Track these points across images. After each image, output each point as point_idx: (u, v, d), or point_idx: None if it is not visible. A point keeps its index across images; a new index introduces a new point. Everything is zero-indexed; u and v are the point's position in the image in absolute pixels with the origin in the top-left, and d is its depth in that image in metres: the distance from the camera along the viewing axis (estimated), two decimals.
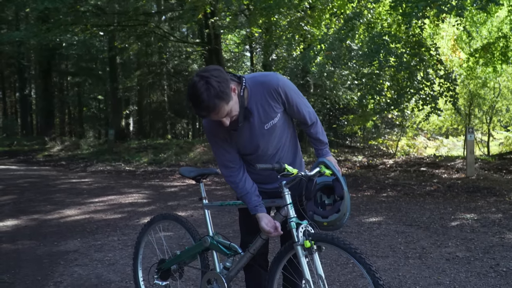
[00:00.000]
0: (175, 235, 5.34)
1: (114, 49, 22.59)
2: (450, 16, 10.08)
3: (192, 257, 2.97)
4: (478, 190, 8.39)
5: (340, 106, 19.87)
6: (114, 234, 5.59)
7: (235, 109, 2.32)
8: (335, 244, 2.29)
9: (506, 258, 4.41)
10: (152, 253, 4.08)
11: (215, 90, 2.17)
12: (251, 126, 2.47)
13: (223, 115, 2.27)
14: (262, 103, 2.43)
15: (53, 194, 8.78)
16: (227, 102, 2.23)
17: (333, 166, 2.46)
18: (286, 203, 2.41)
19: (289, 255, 2.48)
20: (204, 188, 2.99)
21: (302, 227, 2.35)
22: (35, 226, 6.09)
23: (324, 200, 2.47)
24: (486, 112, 18.04)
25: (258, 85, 2.44)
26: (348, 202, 2.39)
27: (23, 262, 4.52)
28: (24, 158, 18.51)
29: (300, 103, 2.55)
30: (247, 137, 2.50)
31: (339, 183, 2.41)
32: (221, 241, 2.82)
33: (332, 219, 2.38)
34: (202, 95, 2.18)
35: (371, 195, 8.43)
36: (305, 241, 2.31)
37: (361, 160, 14.25)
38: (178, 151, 16.83)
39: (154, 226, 3.24)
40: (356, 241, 5.15)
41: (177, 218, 3.12)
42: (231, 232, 5.63)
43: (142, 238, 3.28)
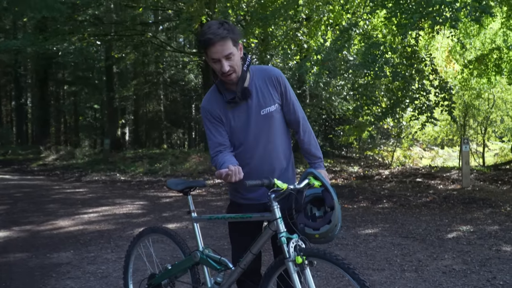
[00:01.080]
0: (169, 247, 5.27)
1: (111, 59, 22.61)
2: (445, 27, 10.13)
3: (183, 271, 2.90)
4: (474, 201, 8.37)
5: (336, 116, 19.91)
6: (107, 246, 5.52)
7: (237, 63, 2.38)
8: (327, 259, 2.24)
9: (503, 271, 4.37)
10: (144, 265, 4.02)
11: (226, 26, 2.32)
12: (248, 108, 2.48)
13: (226, 51, 2.32)
14: (262, 87, 2.49)
15: (47, 205, 8.69)
16: (233, 44, 2.34)
17: (322, 176, 2.40)
18: (276, 218, 2.33)
19: (280, 270, 2.42)
20: (192, 201, 2.92)
21: (293, 242, 2.29)
22: (28, 237, 6.01)
23: (314, 213, 2.40)
24: (480, 123, 18.11)
25: (260, 71, 2.53)
26: (339, 213, 2.32)
27: (14, 275, 4.44)
28: (18, 167, 18.40)
29: (296, 103, 2.60)
30: (242, 119, 2.50)
31: (329, 194, 2.34)
32: (211, 255, 2.75)
33: (324, 231, 2.31)
34: (214, 25, 2.31)
35: (367, 206, 8.39)
36: (297, 256, 2.25)
37: (356, 171, 14.23)
38: (174, 161, 16.76)
39: (143, 240, 3.18)
40: (352, 253, 5.10)
41: (166, 232, 3.05)
42: (226, 244, 5.56)
43: (132, 251, 3.22)
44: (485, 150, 18.61)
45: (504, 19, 12.50)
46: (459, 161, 15.97)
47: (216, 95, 2.55)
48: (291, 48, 13.44)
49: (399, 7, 8.71)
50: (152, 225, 6.64)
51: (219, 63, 2.37)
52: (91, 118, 36.11)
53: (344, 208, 8.17)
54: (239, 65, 2.41)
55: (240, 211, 2.63)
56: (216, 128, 2.55)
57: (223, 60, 2.35)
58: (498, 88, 16.45)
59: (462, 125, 17.56)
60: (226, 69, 2.35)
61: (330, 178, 10.86)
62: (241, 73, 2.44)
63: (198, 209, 8.22)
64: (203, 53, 2.40)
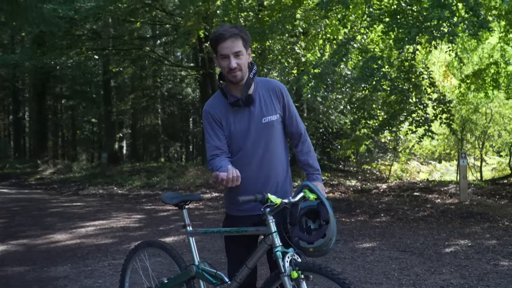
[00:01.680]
0: (166, 260, 5.27)
1: (108, 73, 22.71)
2: (442, 42, 10.25)
3: (179, 285, 2.90)
4: (471, 215, 8.39)
5: (333, 130, 19.98)
6: (105, 259, 5.51)
7: (244, 63, 2.49)
8: (322, 273, 2.23)
9: (500, 285, 4.38)
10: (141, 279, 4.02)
11: (239, 27, 2.48)
12: (250, 114, 2.55)
13: (235, 48, 2.44)
14: (265, 97, 2.59)
15: (44, 218, 8.68)
16: (243, 44, 2.47)
17: (317, 189, 2.39)
18: (271, 232, 2.34)
19: (276, 284, 2.41)
20: (188, 215, 2.94)
21: (288, 256, 2.29)
22: (25, 251, 6.00)
23: (309, 225, 2.39)
24: (478, 137, 18.16)
25: (264, 82, 2.64)
26: (334, 226, 2.31)
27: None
28: (16, 181, 18.37)
29: (298, 117, 2.69)
30: (243, 125, 2.55)
31: (324, 207, 2.32)
32: (207, 269, 2.75)
33: (318, 245, 2.31)
34: (227, 26, 2.49)
35: (365, 220, 8.40)
36: (292, 271, 2.25)
37: (354, 185, 14.26)
38: (171, 174, 16.77)
39: (139, 253, 3.18)
40: (349, 267, 5.11)
41: (162, 246, 3.05)
42: (223, 257, 5.56)
43: (128, 265, 3.22)
44: (482, 165, 18.64)
45: (502, 34, 12.63)
46: (457, 175, 15.99)
47: (219, 99, 2.62)
48: (289, 61, 13.55)
49: (396, 21, 8.82)
50: (148, 238, 6.64)
51: (227, 60, 2.46)
52: (88, 132, 36.11)
53: (342, 222, 8.18)
54: (246, 67, 2.52)
55: (235, 223, 2.64)
56: (215, 132, 2.60)
57: (231, 56, 2.45)
58: (495, 103, 16.54)
59: (459, 140, 17.61)
60: (233, 65, 2.44)
61: (327, 192, 10.88)
62: (246, 79, 2.54)
63: (195, 222, 8.22)
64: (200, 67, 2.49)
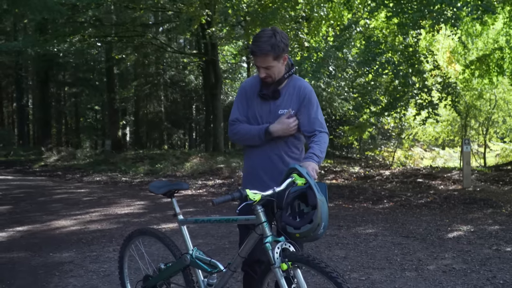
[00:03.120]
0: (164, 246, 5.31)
1: (111, 60, 22.67)
2: (446, 28, 10.17)
3: (176, 273, 2.91)
4: (474, 201, 8.40)
5: (336, 117, 19.95)
6: (109, 245, 5.56)
7: (274, 72, 2.72)
8: (310, 265, 2.20)
9: (503, 270, 4.40)
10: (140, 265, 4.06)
11: (274, 41, 2.61)
12: (272, 105, 2.80)
13: (265, 64, 2.67)
14: (290, 93, 2.81)
15: (49, 205, 8.74)
16: (274, 58, 2.65)
17: (305, 173, 2.33)
18: (261, 222, 2.33)
19: (269, 275, 2.42)
20: (177, 203, 2.94)
21: (278, 247, 2.28)
22: (31, 237, 6.05)
23: (302, 209, 2.34)
24: (482, 124, 18.11)
25: (297, 80, 2.87)
26: (323, 212, 2.23)
27: (18, 273, 4.48)
28: (20, 168, 18.46)
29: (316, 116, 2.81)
30: (264, 111, 2.81)
31: (312, 192, 2.26)
32: (201, 257, 2.74)
33: (305, 230, 2.24)
34: (263, 38, 2.63)
35: (368, 207, 8.43)
36: (282, 263, 2.25)
37: (357, 171, 14.27)
38: (175, 161, 16.82)
39: (133, 241, 3.19)
40: (352, 252, 5.14)
41: (154, 234, 3.05)
42: (227, 243, 5.61)
43: (123, 253, 3.24)
44: (486, 151, 18.61)
45: (507, 19, 12.52)
46: (460, 161, 15.99)
47: (256, 83, 2.88)
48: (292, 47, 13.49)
49: (400, 6, 8.77)
50: (145, 226, 6.70)
51: (259, 69, 2.73)
52: (92, 119, 36.19)
53: (345, 208, 8.21)
54: (277, 73, 2.74)
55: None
56: (241, 105, 2.90)
57: (261, 69, 2.71)
58: (500, 89, 16.46)
59: (463, 126, 17.56)
60: (262, 76, 2.74)
61: (331, 178, 10.84)
62: (280, 78, 2.77)
63: (199, 209, 8.27)
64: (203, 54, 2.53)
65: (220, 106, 20.44)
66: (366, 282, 4.12)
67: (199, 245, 5.47)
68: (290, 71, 2.82)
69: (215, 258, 2.74)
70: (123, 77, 28.97)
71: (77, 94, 32.70)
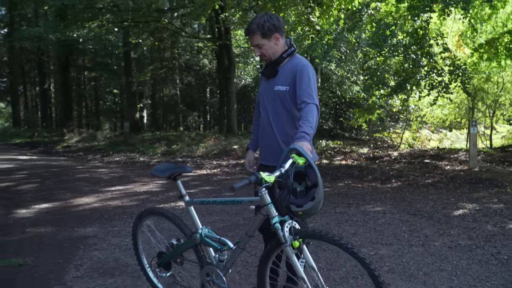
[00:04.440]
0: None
1: (128, 45, 22.66)
2: (455, 11, 9.99)
3: (187, 249, 2.93)
4: (480, 181, 8.36)
5: (346, 100, 19.83)
6: (130, 221, 5.65)
7: (267, 50, 2.86)
8: (324, 239, 2.19)
9: (507, 246, 4.41)
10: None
11: (259, 21, 2.80)
12: (272, 82, 2.95)
13: (254, 42, 2.85)
14: (287, 71, 2.89)
15: (72, 183, 8.88)
16: (262, 36, 2.81)
17: (305, 152, 2.31)
18: (266, 203, 2.32)
19: (276, 251, 2.43)
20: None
21: (287, 225, 2.28)
22: (56, 213, 6.18)
23: (295, 188, 2.32)
24: (489, 106, 17.87)
25: (296, 59, 2.93)
26: (322, 189, 2.24)
27: (45, 246, 4.60)
28: (44, 149, 18.71)
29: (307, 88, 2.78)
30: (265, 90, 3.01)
31: (313, 170, 2.26)
32: (210, 235, 2.75)
33: (307, 208, 2.24)
34: (255, 18, 2.84)
35: (376, 186, 8.43)
36: (293, 241, 2.24)
37: (366, 152, 14.23)
38: (190, 142, 16.92)
39: (144, 221, 3.22)
40: (361, 229, 5.17)
41: (163, 213, 3.06)
42: (241, 219, 5.67)
43: (136, 232, 3.26)
44: (492, 133, 18.41)
45: None
46: (467, 143, 15.86)
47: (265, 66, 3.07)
48: (304, 30, 13.33)
49: None
50: (153, 206, 6.78)
51: (254, 49, 2.90)
52: (111, 102, 36.41)
53: (354, 187, 8.23)
54: (271, 52, 2.88)
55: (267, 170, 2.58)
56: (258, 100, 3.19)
57: (255, 48, 2.88)
58: (508, 72, 16.19)
59: (470, 108, 17.36)
60: (257, 54, 2.91)
61: (340, 159, 10.84)
62: (278, 57, 2.90)
63: (214, 187, 8.34)
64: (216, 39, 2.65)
65: (233, 89, 20.40)
66: (375, 256, 4.16)
67: (214, 222, 5.55)
68: (288, 50, 2.91)
69: (230, 234, 2.79)
70: (140, 62, 29.01)
71: (96, 78, 32.86)
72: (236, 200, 2.57)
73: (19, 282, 3.63)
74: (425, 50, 10.50)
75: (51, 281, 3.65)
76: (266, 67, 3.00)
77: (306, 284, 2.27)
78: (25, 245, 4.63)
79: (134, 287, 3.54)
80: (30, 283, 3.61)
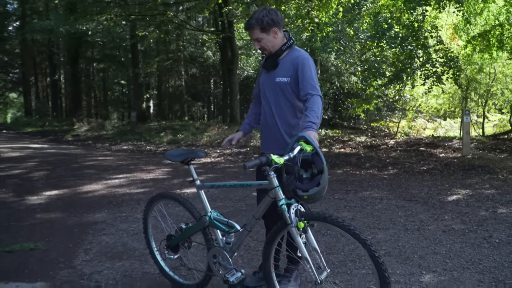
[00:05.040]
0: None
1: (135, 37, 22.52)
2: (450, 4, 9.87)
3: (196, 232, 2.96)
4: (473, 168, 8.33)
5: (344, 90, 19.73)
6: (137, 207, 5.65)
7: (267, 44, 2.85)
8: (328, 221, 2.24)
9: (498, 230, 4.39)
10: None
11: (258, 15, 2.80)
12: (273, 74, 2.94)
13: (254, 36, 2.85)
14: (287, 63, 2.89)
15: (82, 170, 8.87)
16: (261, 30, 2.81)
17: (313, 141, 2.37)
18: (274, 186, 2.36)
19: (282, 233, 2.46)
20: (197, 171, 2.97)
21: (293, 208, 2.32)
22: (66, 199, 6.17)
23: (302, 174, 2.37)
24: (481, 96, 17.78)
25: (295, 51, 2.93)
26: (326, 176, 2.31)
27: (56, 231, 4.59)
28: (54, 137, 18.71)
29: (309, 79, 2.79)
30: (266, 81, 3.00)
31: (319, 158, 2.32)
32: (219, 218, 2.79)
33: (313, 193, 2.30)
34: (255, 14, 2.84)
35: (373, 173, 8.40)
36: (299, 222, 2.28)
37: (364, 141, 14.18)
38: (195, 131, 16.88)
39: (155, 205, 3.24)
40: (359, 214, 5.15)
41: (174, 197, 3.09)
42: (243, 206, 5.66)
43: (147, 215, 3.28)
44: (485, 121, 18.34)
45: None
46: (460, 131, 15.80)
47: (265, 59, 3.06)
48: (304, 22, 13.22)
49: None
50: (165, 190, 6.77)
51: (254, 43, 2.90)
52: (118, 93, 36.33)
53: (352, 174, 8.20)
54: (271, 45, 2.87)
55: None
56: (258, 80, 3.15)
57: (255, 41, 2.88)
58: (499, 63, 16.07)
59: (464, 98, 17.28)
60: (257, 47, 2.91)
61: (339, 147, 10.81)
62: (277, 50, 2.88)
63: (218, 175, 8.33)
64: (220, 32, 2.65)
65: (236, 81, 20.28)
66: (372, 241, 4.13)
67: (218, 208, 5.53)
68: (288, 43, 2.90)
69: (233, 219, 2.78)
70: (147, 54, 28.85)
71: (105, 69, 32.75)
72: (246, 183, 2.61)
73: (31, 265, 3.63)
74: (421, 42, 10.41)
75: (61, 265, 3.64)
76: (266, 60, 2.99)
77: (309, 264, 2.29)
78: (36, 230, 4.63)
79: (141, 270, 3.53)
80: (42, 266, 3.60)
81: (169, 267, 3.28)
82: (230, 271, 2.68)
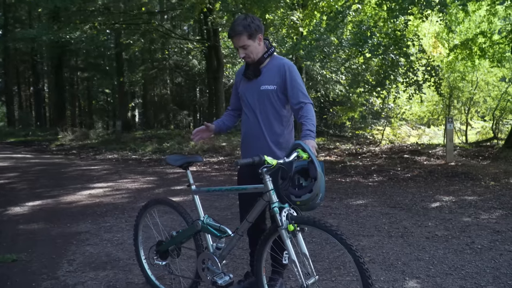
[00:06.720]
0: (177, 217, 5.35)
1: (120, 46, 22.45)
2: (433, 14, 10.06)
3: (187, 238, 2.97)
4: (456, 175, 8.45)
5: (330, 98, 19.90)
6: (122, 217, 5.61)
7: (252, 51, 2.82)
8: (316, 226, 2.30)
9: (480, 236, 4.46)
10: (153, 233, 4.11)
11: (245, 22, 2.75)
12: (256, 82, 2.91)
13: (240, 44, 2.79)
14: (271, 70, 2.89)
15: (66, 180, 8.78)
16: (248, 37, 2.77)
17: (309, 149, 2.41)
18: (268, 189, 2.41)
19: (274, 236, 2.50)
20: (192, 176, 3.00)
21: (285, 211, 2.36)
22: (49, 209, 6.10)
23: (301, 183, 2.43)
24: (464, 103, 18.08)
25: (278, 59, 2.94)
26: (321, 184, 2.34)
27: (39, 242, 4.54)
28: (38, 147, 18.48)
29: (299, 87, 2.83)
30: (249, 90, 2.95)
31: (313, 165, 2.36)
32: (211, 224, 2.82)
33: (305, 199, 2.35)
34: (236, 22, 2.78)
35: (358, 180, 8.47)
36: (289, 225, 2.32)
37: (349, 148, 14.29)
38: (180, 140, 16.82)
39: (149, 210, 3.25)
40: (344, 221, 5.19)
41: (169, 203, 3.12)
42: (229, 214, 5.66)
43: (139, 221, 3.29)
44: (468, 129, 18.62)
45: (489, 6, 12.41)
46: (444, 138, 16.00)
47: (244, 68, 3.03)
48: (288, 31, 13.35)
49: None
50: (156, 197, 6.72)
51: (238, 50, 2.86)
52: (103, 102, 36.05)
53: (337, 182, 8.26)
54: (255, 52, 2.85)
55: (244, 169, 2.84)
56: (235, 91, 3.11)
57: (239, 49, 2.84)
58: (481, 71, 16.39)
59: (447, 105, 17.55)
60: (241, 56, 2.86)
61: (324, 155, 10.88)
62: (260, 58, 2.87)
63: (203, 183, 8.32)
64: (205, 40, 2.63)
65: (222, 89, 20.31)
66: (357, 248, 4.17)
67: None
68: (269, 51, 2.91)
69: None
70: (131, 62, 28.73)
71: (89, 78, 32.49)
72: (241, 187, 2.67)
73: (14, 276, 3.58)
74: (403, 50, 10.59)
75: (45, 276, 3.60)
76: (247, 68, 2.96)
77: (297, 268, 2.33)
78: (19, 241, 4.57)
79: (125, 280, 3.51)
80: (24, 278, 3.55)
81: (155, 276, 3.27)
82: (219, 274, 2.70)
